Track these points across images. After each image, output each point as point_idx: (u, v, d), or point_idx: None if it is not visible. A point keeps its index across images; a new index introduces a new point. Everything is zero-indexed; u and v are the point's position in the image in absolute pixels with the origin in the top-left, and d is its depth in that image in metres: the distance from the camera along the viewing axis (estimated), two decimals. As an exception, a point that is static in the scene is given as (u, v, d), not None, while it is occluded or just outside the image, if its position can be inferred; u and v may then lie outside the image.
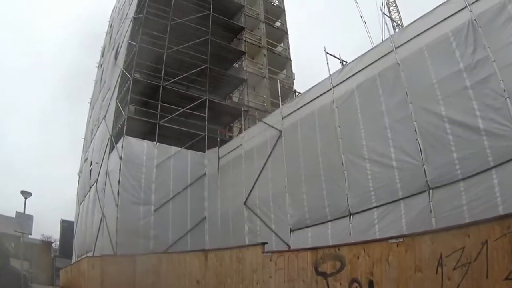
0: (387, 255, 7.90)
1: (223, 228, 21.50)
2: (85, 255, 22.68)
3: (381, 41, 16.84)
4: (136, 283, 17.33)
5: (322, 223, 15.89)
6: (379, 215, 13.70)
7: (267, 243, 12.98)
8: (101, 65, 34.93)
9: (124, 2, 32.85)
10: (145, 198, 20.54)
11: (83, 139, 33.16)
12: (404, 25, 17.14)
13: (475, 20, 12.33)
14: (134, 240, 19.48)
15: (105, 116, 24.84)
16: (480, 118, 11.52)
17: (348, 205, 14.86)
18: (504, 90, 11.01)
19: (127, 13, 29.09)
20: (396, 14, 55.62)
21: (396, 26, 56.51)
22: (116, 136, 22.19)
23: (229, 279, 12.80)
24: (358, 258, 8.49)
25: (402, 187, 13.22)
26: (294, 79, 35.24)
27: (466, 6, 12.74)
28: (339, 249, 9.11)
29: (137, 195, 20.36)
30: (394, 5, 60.10)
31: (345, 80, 16.84)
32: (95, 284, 18.03)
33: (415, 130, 13.05)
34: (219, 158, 23.46)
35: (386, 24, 57.55)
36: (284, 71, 36.37)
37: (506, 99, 10.92)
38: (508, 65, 11.22)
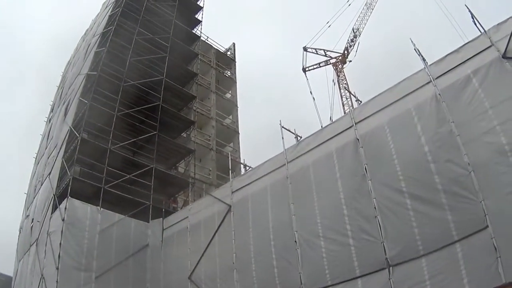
0: None
1: (166, 302, 21.40)
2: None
3: (327, 118, 17.92)
4: None
5: (273, 301, 16.07)
6: (335, 293, 14.04)
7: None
8: (50, 120, 34.98)
9: (79, 58, 33.61)
10: (86, 264, 20.41)
11: (25, 194, 32.81)
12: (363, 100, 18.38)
13: (439, 94, 13.44)
14: (75, 307, 19.30)
15: (49, 174, 24.85)
16: (443, 192, 12.33)
17: (301, 284, 15.16)
18: (469, 164, 11.92)
19: (81, 69, 29.72)
20: (346, 91, 58.96)
21: (345, 103, 59.87)
22: (59, 196, 22.15)
23: None
24: None
25: (359, 265, 13.69)
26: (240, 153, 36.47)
27: (430, 81, 13.90)
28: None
29: (78, 260, 20.23)
30: (345, 82, 63.55)
31: (300, 155, 17.69)
32: None
33: (375, 207, 13.72)
34: (163, 230, 23.70)
35: (343, 100, 61.05)
36: (231, 144, 37.49)
37: (470, 172, 11.80)
38: (473, 139, 12.23)
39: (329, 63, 67.99)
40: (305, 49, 67.88)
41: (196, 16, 39.56)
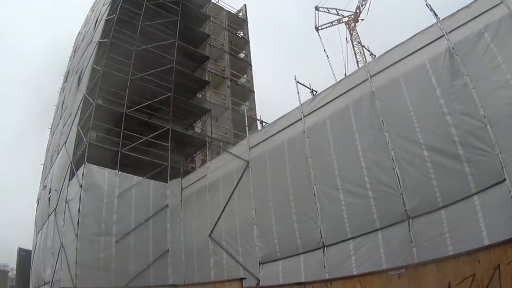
0: (387, 288, 7.48)
1: (187, 261, 21.35)
2: (43, 287, 22.30)
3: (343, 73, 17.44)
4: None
5: (294, 255, 15.94)
6: (355, 246, 13.82)
7: (245, 278, 13.03)
8: (63, 90, 34.92)
9: (90, 28, 33.14)
10: (106, 229, 20.29)
11: (42, 165, 32.79)
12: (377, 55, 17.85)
13: (453, 48, 12.98)
14: (95, 273, 19.12)
15: (65, 142, 24.68)
16: (460, 144, 11.97)
17: (321, 237, 14.94)
18: (484, 116, 11.50)
19: (92, 38, 29.36)
20: (361, 47, 58.16)
21: (359, 60, 59.14)
22: (76, 163, 21.95)
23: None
24: (353, 292, 7.99)
25: (379, 217, 13.41)
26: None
27: (443, 35, 13.44)
28: (331, 284, 8.92)
29: (97, 226, 20.11)
30: (358, 40, 62.54)
31: (316, 109, 17.29)
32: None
33: (392, 159, 13.32)
34: (182, 189, 23.61)
35: (355, 55, 60.38)
36: (247, 103, 37.16)
37: (486, 125, 11.40)
38: (488, 92, 11.81)
39: (341, 21, 66.85)
40: (316, 8, 66.70)
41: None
